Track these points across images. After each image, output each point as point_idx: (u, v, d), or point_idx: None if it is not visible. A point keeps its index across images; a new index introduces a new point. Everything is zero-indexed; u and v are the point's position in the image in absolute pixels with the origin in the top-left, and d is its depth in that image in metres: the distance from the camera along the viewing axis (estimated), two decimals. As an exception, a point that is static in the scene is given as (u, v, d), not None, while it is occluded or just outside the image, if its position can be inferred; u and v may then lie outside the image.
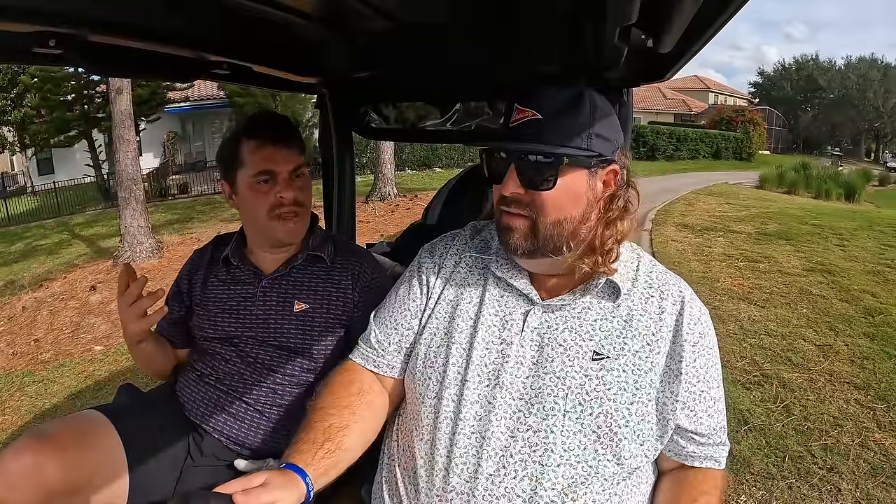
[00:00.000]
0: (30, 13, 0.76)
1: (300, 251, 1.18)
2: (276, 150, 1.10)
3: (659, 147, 20.87)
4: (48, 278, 6.65)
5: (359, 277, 1.19)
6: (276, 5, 0.88)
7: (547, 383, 0.79)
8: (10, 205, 14.30)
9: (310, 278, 1.17)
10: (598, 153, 0.79)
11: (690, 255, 5.33)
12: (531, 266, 0.86)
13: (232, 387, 1.12)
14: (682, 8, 0.60)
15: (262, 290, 1.15)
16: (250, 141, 1.10)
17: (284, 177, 1.10)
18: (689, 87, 33.02)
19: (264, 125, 1.13)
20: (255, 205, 1.11)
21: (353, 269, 1.20)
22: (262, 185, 1.10)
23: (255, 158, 1.09)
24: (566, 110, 0.79)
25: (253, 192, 1.11)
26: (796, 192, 12.27)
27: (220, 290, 1.18)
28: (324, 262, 1.19)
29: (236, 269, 1.18)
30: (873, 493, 2.01)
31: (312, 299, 1.16)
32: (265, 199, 1.10)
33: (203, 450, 1.10)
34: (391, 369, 0.93)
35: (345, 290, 1.18)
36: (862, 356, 3.09)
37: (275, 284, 1.16)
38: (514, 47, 1.11)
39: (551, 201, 0.79)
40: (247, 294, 1.16)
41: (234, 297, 1.17)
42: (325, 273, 1.18)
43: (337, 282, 1.18)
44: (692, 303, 0.84)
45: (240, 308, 1.15)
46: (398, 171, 12.01)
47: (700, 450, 0.82)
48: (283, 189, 1.10)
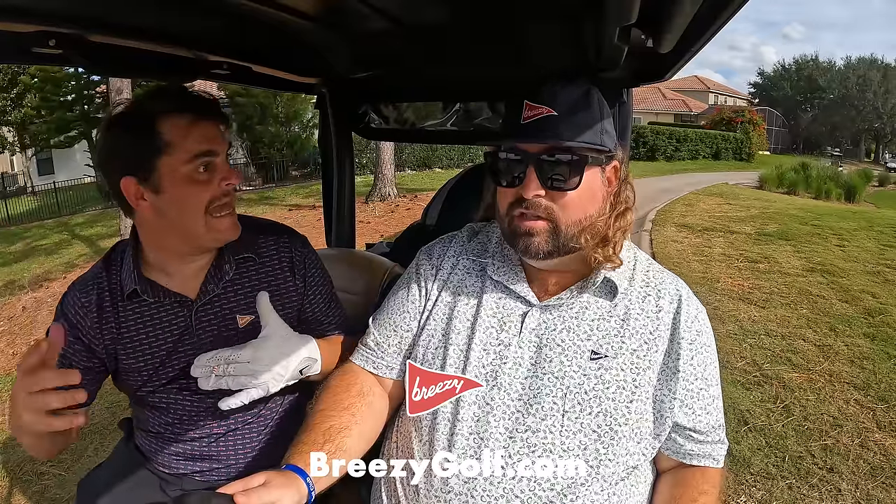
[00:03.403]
0: (30, 13, 0.76)
1: (225, 261, 0.98)
2: (214, 125, 0.90)
3: (659, 147, 20.86)
4: (48, 278, 6.65)
5: (294, 260, 1.05)
6: (276, 5, 0.88)
7: (545, 383, 0.79)
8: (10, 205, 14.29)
9: (243, 284, 1.00)
10: (609, 149, 0.80)
11: (690, 256, 5.33)
12: (541, 265, 0.86)
13: (198, 433, 0.99)
14: (682, 8, 0.60)
15: (197, 316, 0.96)
16: (177, 116, 0.86)
17: (223, 159, 0.91)
18: (689, 88, 33.03)
19: (189, 97, 0.90)
20: (192, 200, 0.88)
21: (284, 251, 1.04)
22: (199, 174, 0.87)
23: (191, 138, 0.86)
24: (580, 106, 0.78)
25: (189, 184, 0.87)
26: (796, 193, 12.27)
27: (139, 332, 0.96)
28: (253, 260, 1.02)
29: (150, 304, 0.95)
30: (873, 493, 2.01)
31: (253, 307, 0.98)
32: (205, 190, 0.88)
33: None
34: (390, 371, 0.93)
35: (285, 280, 1.03)
36: (862, 356, 3.09)
37: (208, 305, 0.97)
38: (514, 47, 1.11)
39: (574, 201, 0.79)
40: (179, 325, 0.96)
41: (162, 335, 0.96)
42: (258, 270, 1.02)
43: (273, 275, 1.03)
44: (689, 301, 0.84)
45: (177, 343, 0.96)
46: (398, 171, 12.01)
47: (698, 448, 0.82)
48: (226, 174, 0.90)
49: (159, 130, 0.85)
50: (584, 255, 0.82)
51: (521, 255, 0.84)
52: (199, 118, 0.88)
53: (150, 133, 0.85)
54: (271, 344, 0.90)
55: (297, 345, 0.93)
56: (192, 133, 0.87)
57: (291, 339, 0.93)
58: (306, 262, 1.07)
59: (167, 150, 0.86)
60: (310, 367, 0.94)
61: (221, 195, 0.90)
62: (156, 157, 0.85)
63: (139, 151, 0.86)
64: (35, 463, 2.46)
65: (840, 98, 39.40)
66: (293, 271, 1.04)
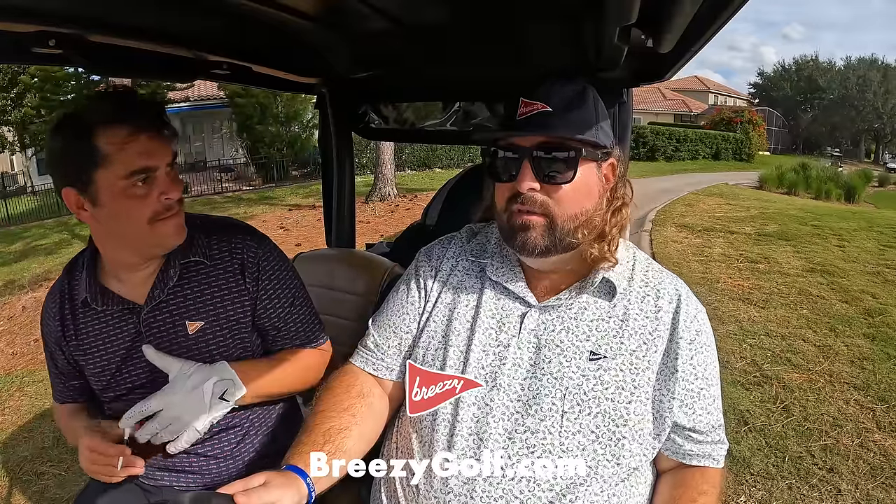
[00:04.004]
0: (30, 13, 0.76)
1: (170, 266, 0.95)
2: (152, 139, 0.85)
3: (659, 147, 20.86)
4: (48, 278, 6.63)
5: (245, 262, 0.99)
6: (276, 5, 0.88)
7: (544, 384, 0.79)
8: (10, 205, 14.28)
9: (192, 288, 0.97)
10: (605, 145, 0.81)
11: (690, 256, 5.33)
12: (539, 264, 0.86)
13: (157, 445, 0.96)
14: (682, 8, 0.60)
15: (146, 322, 0.94)
16: (115, 128, 0.82)
17: (165, 172, 0.87)
18: (689, 88, 33.01)
19: (130, 106, 0.85)
20: (130, 214, 0.85)
21: (237, 253, 0.99)
22: (137, 188, 0.84)
23: (128, 152, 0.83)
24: (574, 103, 0.79)
25: (127, 199, 0.84)
26: (796, 193, 12.27)
27: (96, 339, 0.95)
28: (203, 264, 0.98)
29: (103, 311, 0.95)
30: (873, 493, 2.01)
31: (205, 312, 0.96)
32: (144, 204, 0.85)
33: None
34: (390, 372, 0.93)
35: (236, 284, 0.98)
36: (862, 357, 3.09)
37: (156, 311, 0.95)
38: (514, 47, 1.11)
39: (570, 195, 0.79)
40: (129, 333, 0.95)
41: (115, 342, 0.95)
42: (208, 273, 0.98)
43: (224, 278, 0.98)
44: (688, 300, 0.84)
45: (130, 350, 0.95)
46: (398, 171, 12.00)
47: (698, 448, 0.82)
48: (166, 188, 0.87)
49: (96, 143, 0.82)
50: (581, 252, 0.82)
51: (518, 252, 0.84)
52: (137, 131, 0.83)
53: (88, 145, 0.82)
54: (177, 385, 0.89)
55: (203, 374, 0.91)
56: (128, 148, 0.83)
57: (194, 372, 0.91)
58: (260, 263, 1.00)
59: (104, 164, 0.82)
60: (229, 390, 0.92)
61: (163, 209, 0.87)
62: (93, 169, 0.83)
63: (77, 163, 0.83)
64: (35, 463, 2.47)
65: (840, 98, 39.39)
66: (244, 273, 0.99)
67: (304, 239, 7.20)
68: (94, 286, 0.94)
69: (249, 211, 9.74)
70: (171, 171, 0.88)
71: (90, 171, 0.82)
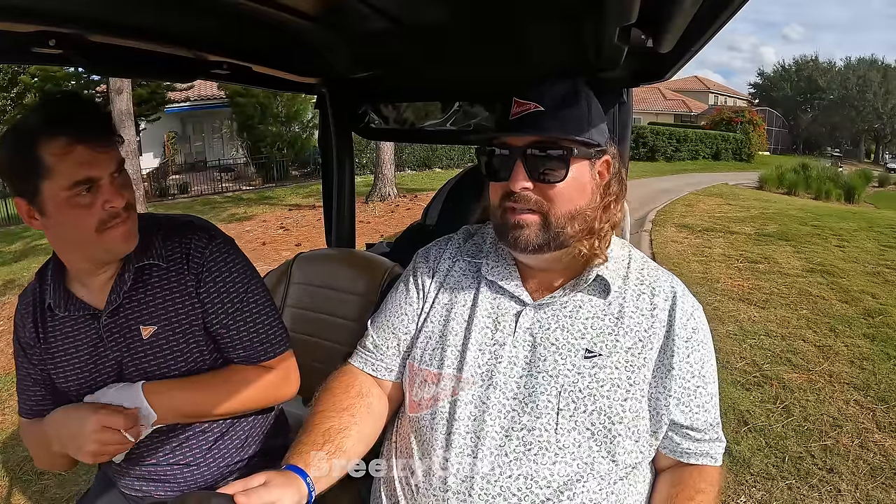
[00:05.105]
0: (30, 13, 0.76)
1: (126, 270, 0.93)
2: (93, 148, 0.83)
3: (659, 148, 20.87)
4: (48, 278, 6.63)
5: (190, 258, 0.95)
6: (276, 5, 0.88)
7: (540, 382, 0.79)
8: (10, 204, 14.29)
9: (145, 292, 0.94)
10: (598, 143, 0.81)
11: (690, 256, 5.33)
12: (533, 261, 0.86)
13: (132, 454, 0.96)
14: (682, 8, 0.60)
15: (106, 327, 0.93)
16: (54, 140, 0.81)
17: (108, 181, 0.85)
18: (689, 88, 33.03)
19: (68, 115, 0.83)
20: (77, 224, 0.85)
21: (185, 251, 0.96)
22: (82, 198, 0.83)
23: (68, 163, 0.81)
24: (566, 102, 0.80)
25: (71, 208, 0.83)
26: (796, 193, 12.28)
27: (63, 343, 0.95)
28: (157, 266, 0.95)
29: (67, 316, 0.94)
30: (873, 493, 2.01)
31: (157, 316, 0.94)
32: (89, 214, 0.84)
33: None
34: (389, 372, 0.93)
35: (187, 285, 0.95)
36: (862, 357, 3.09)
37: (114, 316, 0.94)
38: (514, 48, 1.11)
39: (563, 194, 0.79)
40: (91, 337, 0.94)
41: (80, 347, 0.94)
42: (161, 276, 0.95)
43: (177, 280, 0.95)
44: (684, 298, 0.84)
45: (93, 355, 0.94)
46: (398, 171, 12.02)
47: (696, 446, 0.82)
48: (110, 196, 0.85)
49: (39, 154, 0.81)
50: (575, 249, 0.82)
51: (512, 250, 0.84)
52: (76, 141, 0.81)
53: (32, 156, 0.81)
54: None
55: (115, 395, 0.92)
56: (68, 159, 0.81)
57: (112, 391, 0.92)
58: (205, 260, 0.96)
59: (47, 175, 0.81)
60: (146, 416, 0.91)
61: (108, 217, 0.86)
62: (38, 180, 0.82)
63: (22, 174, 0.83)
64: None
65: (840, 99, 39.39)
66: (189, 270, 0.95)
67: (304, 239, 7.21)
68: (60, 291, 0.94)
69: (249, 211, 9.75)
70: (116, 179, 0.87)
71: (35, 182, 0.82)
